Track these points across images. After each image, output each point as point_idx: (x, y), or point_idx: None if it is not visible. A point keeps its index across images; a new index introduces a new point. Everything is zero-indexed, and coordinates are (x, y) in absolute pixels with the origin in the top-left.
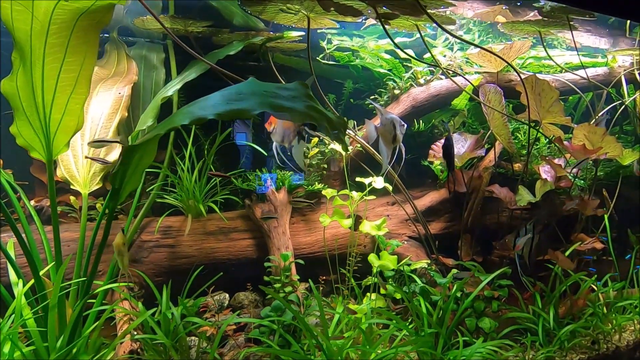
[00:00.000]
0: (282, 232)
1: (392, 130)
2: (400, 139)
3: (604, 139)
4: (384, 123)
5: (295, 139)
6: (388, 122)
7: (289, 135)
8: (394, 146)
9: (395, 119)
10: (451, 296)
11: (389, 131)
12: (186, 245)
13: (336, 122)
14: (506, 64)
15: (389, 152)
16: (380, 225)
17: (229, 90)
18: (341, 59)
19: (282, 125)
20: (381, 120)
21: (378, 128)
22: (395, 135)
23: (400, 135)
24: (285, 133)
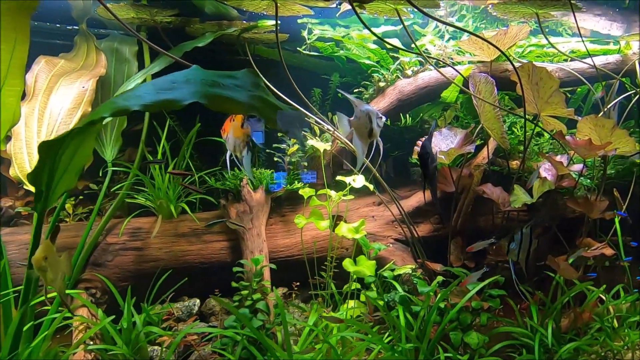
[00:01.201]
0: (257, 234)
1: (367, 123)
2: (377, 134)
3: (613, 133)
4: (358, 116)
5: (245, 149)
6: (363, 114)
7: (239, 145)
8: (370, 141)
9: (371, 111)
10: (433, 307)
11: (364, 125)
12: (155, 248)
13: (289, 114)
14: (499, 52)
15: (364, 147)
16: (359, 228)
17: (164, 79)
18: (324, 50)
19: (233, 134)
20: (355, 112)
21: (352, 121)
22: (372, 129)
23: (377, 130)
24: (235, 142)
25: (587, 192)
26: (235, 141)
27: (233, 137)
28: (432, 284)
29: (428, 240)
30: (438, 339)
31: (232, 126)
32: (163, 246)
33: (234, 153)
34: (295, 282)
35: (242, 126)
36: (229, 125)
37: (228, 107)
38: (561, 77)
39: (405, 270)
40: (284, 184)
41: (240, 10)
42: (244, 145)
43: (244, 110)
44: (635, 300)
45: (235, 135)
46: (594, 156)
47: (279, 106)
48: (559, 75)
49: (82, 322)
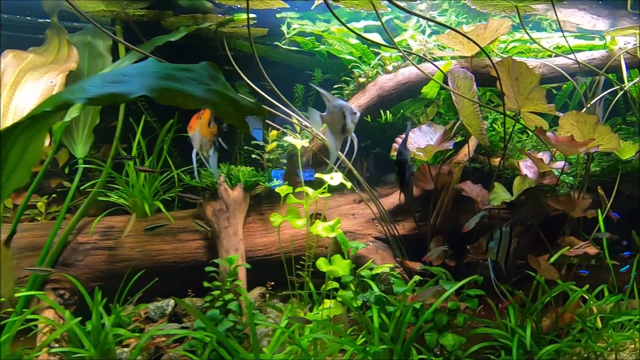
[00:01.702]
0: (233, 232)
1: (340, 119)
2: (351, 130)
3: (596, 129)
4: (331, 111)
5: (212, 148)
6: (336, 110)
7: (206, 144)
8: (344, 137)
9: (344, 107)
10: (408, 307)
11: (337, 120)
12: (128, 248)
13: (249, 109)
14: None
15: (337, 143)
16: (334, 226)
17: (114, 72)
18: (304, 45)
19: (199, 132)
20: (328, 107)
21: (324, 117)
22: (345, 125)
23: (351, 125)
24: (202, 141)
25: (570, 189)
26: (202, 140)
27: (199, 135)
28: (409, 284)
29: (409, 239)
30: (412, 340)
31: (199, 124)
32: (136, 245)
33: (201, 152)
34: (271, 282)
35: (209, 125)
36: (196, 122)
37: (181, 101)
38: (545, 73)
39: (383, 270)
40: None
41: (217, 4)
42: (210, 145)
43: (198, 104)
44: (618, 301)
45: (202, 134)
46: (575, 153)
47: (239, 101)
48: (543, 71)
49: (47, 324)
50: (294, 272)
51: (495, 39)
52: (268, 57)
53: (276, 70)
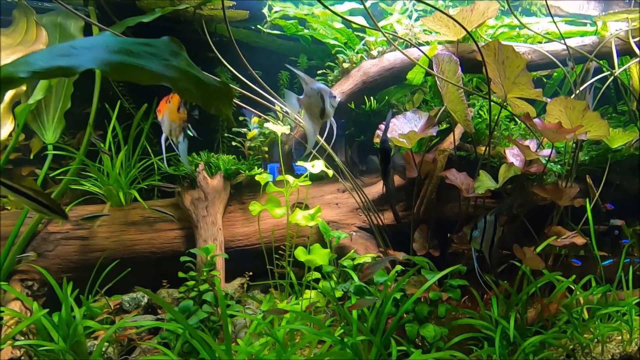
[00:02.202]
0: (212, 222)
1: (319, 103)
2: (330, 114)
3: (584, 116)
4: (308, 94)
5: (181, 135)
6: (314, 93)
7: (175, 130)
8: (322, 122)
9: (323, 90)
10: (387, 297)
11: (315, 104)
12: (102, 237)
13: (214, 88)
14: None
15: (315, 128)
16: (314, 215)
17: (63, 45)
18: (287, 30)
19: (168, 116)
20: (305, 91)
21: (302, 100)
22: (324, 109)
23: (330, 110)
24: (172, 126)
25: (557, 178)
26: (171, 125)
27: (169, 120)
28: (390, 273)
29: (394, 228)
30: (393, 332)
31: (168, 108)
32: (111, 235)
33: (170, 137)
34: (249, 273)
35: (179, 110)
36: (165, 106)
37: (135, 76)
38: (534, 59)
39: (364, 260)
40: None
41: None
42: (180, 131)
43: (155, 79)
44: (606, 292)
45: (171, 119)
46: (563, 140)
47: (203, 79)
48: (532, 57)
49: (12, 317)
50: (274, 262)
51: (483, 23)
52: (252, 43)
53: (260, 56)
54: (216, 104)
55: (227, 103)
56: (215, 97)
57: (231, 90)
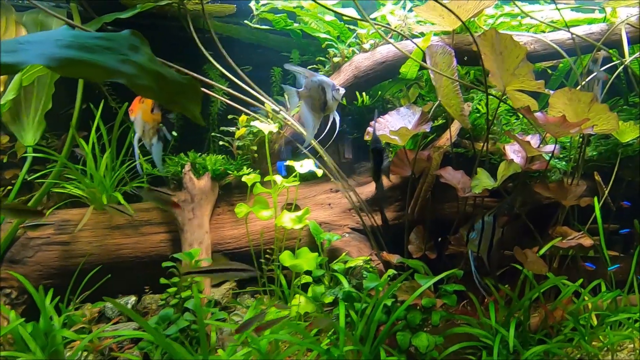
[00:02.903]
0: (198, 224)
1: (320, 95)
2: (333, 107)
3: (591, 108)
4: (308, 87)
5: (155, 136)
6: (314, 85)
7: (149, 131)
8: (324, 115)
9: (325, 82)
10: (377, 304)
11: (315, 97)
12: (84, 242)
13: (178, 84)
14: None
15: (315, 122)
16: (302, 217)
17: (11, 40)
18: (276, 24)
19: (141, 117)
20: (305, 83)
21: (301, 93)
22: (326, 101)
23: (332, 102)
24: (145, 127)
25: (562, 175)
26: (145, 125)
27: (142, 121)
28: (382, 278)
29: (389, 229)
30: (383, 341)
31: (141, 108)
32: (94, 240)
33: (143, 139)
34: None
35: (152, 111)
36: (138, 106)
37: (86, 73)
38: (537, 49)
39: (356, 263)
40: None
41: None
42: (154, 132)
43: (107, 75)
44: (616, 297)
45: (144, 119)
46: (567, 135)
47: (166, 75)
48: (535, 47)
49: None
50: (262, 266)
51: (480, 12)
52: (244, 39)
53: (252, 52)
54: (180, 101)
55: (193, 100)
56: (178, 94)
57: (197, 86)
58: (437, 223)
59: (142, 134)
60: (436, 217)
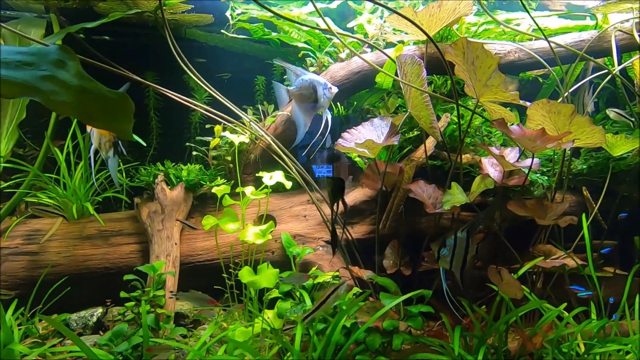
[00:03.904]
0: (167, 236)
1: (311, 94)
2: (325, 105)
3: (573, 121)
4: (299, 85)
5: (111, 150)
6: (306, 84)
7: (105, 144)
8: (315, 113)
9: (316, 80)
10: (336, 325)
11: (307, 95)
12: (53, 252)
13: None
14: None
15: (307, 120)
16: (266, 231)
17: None
18: (253, 33)
19: (97, 130)
20: (296, 82)
21: (291, 91)
22: (317, 100)
23: (325, 101)
24: (101, 140)
25: (545, 190)
26: (101, 138)
27: (97, 133)
28: (347, 296)
29: (364, 243)
30: None
31: None
32: (62, 250)
33: (100, 151)
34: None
35: None
36: None
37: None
38: (522, 58)
39: (324, 278)
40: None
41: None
42: (110, 145)
43: (20, 92)
44: (604, 325)
45: (100, 132)
46: (543, 150)
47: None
48: (519, 56)
49: None
50: (232, 279)
51: (456, 21)
52: (228, 47)
53: (236, 61)
54: (103, 118)
55: (122, 116)
56: (103, 110)
57: (127, 102)
58: (414, 237)
59: (98, 146)
60: (413, 231)
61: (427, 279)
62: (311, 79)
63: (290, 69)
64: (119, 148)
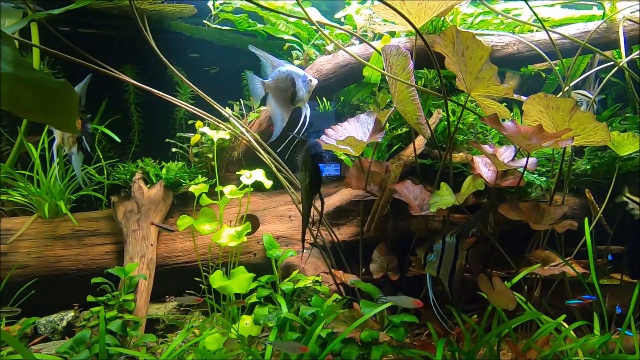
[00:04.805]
0: (142, 237)
1: (289, 86)
2: (304, 99)
3: (572, 117)
4: (275, 77)
5: (74, 146)
6: (283, 76)
7: (68, 140)
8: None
9: (294, 72)
10: (312, 335)
11: (284, 88)
12: (22, 253)
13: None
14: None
15: (284, 115)
16: (242, 233)
17: None
18: (238, 25)
19: None
20: (272, 74)
21: (267, 84)
22: (295, 93)
23: (303, 95)
24: (64, 135)
25: (544, 193)
26: (63, 133)
27: None
28: (326, 303)
29: (351, 245)
30: None
31: None
32: (33, 250)
33: (64, 147)
34: (168, 296)
35: None
36: None
37: None
38: (521, 50)
39: (305, 283)
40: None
41: None
42: (73, 141)
43: None
44: (606, 342)
45: None
46: (539, 148)
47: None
48: (518, 48)
49: None
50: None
51: (448, 10)
52: (215, 40)
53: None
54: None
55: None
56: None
57: (69, 93)
58: (404, 240)
59: (61, 141)
60: (403, 233)
61: (417, 285)
62: (289, 70)
63: (267, 58)
64: (83, 144)
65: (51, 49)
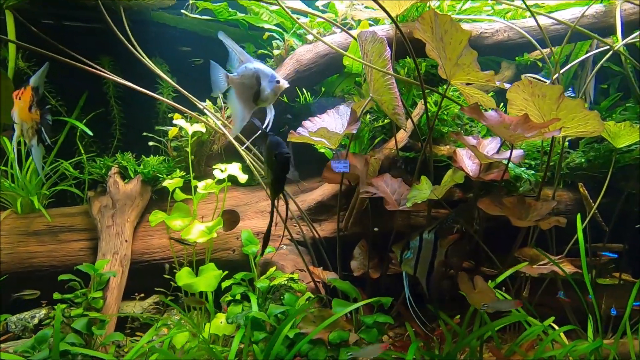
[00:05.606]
0: (116, 233)
1: (253, 85)
2: (269, 101)
3: (560, 105)
4: (241, 73)
5: (34, 137)
6: (249, 73)
7: (28, 131)
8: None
9: (262, 72)
10: (278, 335)
11: (248, 85)
12: None
13: None
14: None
15: (245, 113)
16: (213, 228)
17: None
18: (217, 14)
19: (18, 115)
20: (239, 69)
21: (232, 78)
22: (259, 92)
23: (267, 96)
24: (23, 126)
25: (533, 187)
26: (23, 125)
27: (18, 119)
28: (299, 301)
29: (333, 241)
30: None
31: (18, 105)
32: (5, 246)
33: (24, 139)
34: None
35: (30, 109)
36: (15, 103)
37: None
38: (511, 37)
39: (280, 281)
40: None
41: None
42: (32, 133)
43: None
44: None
45: (21, 118)
46: (523, 140)
47: None
48: (509, 35)
49: None
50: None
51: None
52: (196, 31)
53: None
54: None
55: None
56: None
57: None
58: (387, 237)
59: (20, 133)
60: (386, 229)
61: (398, 283)
62: (257, 68)
63: (236, 51)
64: (42, 136)
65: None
